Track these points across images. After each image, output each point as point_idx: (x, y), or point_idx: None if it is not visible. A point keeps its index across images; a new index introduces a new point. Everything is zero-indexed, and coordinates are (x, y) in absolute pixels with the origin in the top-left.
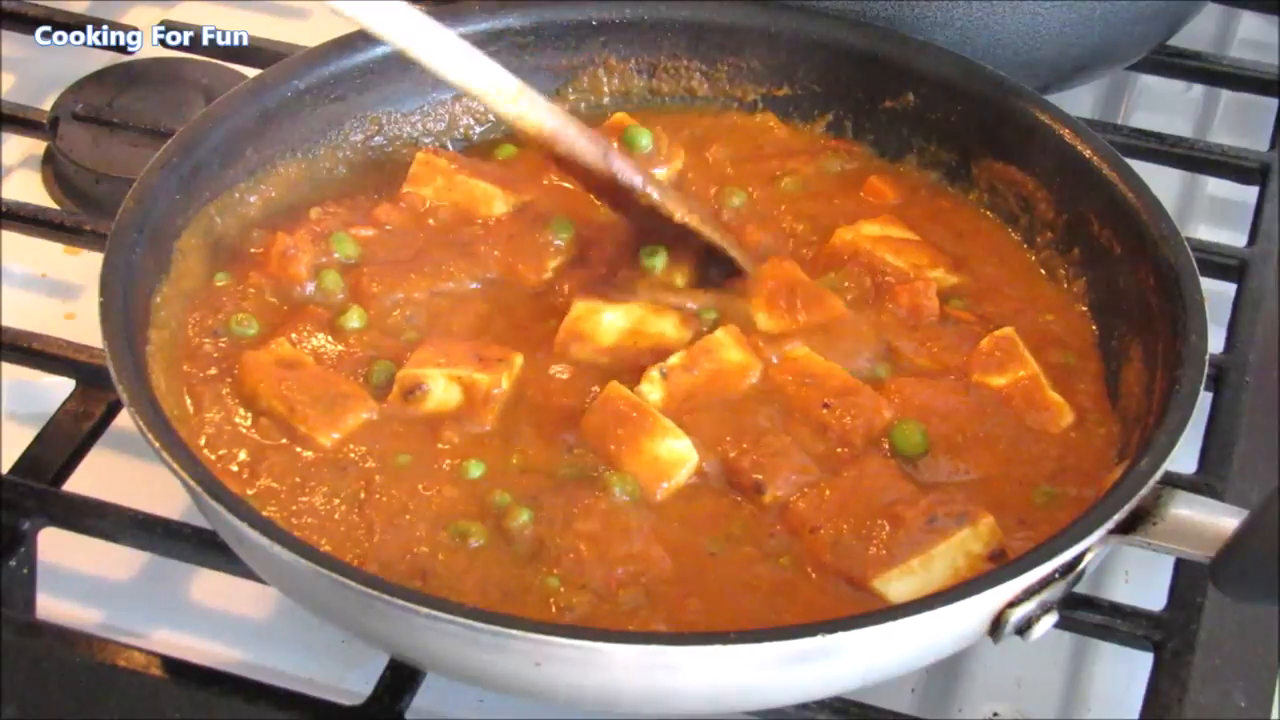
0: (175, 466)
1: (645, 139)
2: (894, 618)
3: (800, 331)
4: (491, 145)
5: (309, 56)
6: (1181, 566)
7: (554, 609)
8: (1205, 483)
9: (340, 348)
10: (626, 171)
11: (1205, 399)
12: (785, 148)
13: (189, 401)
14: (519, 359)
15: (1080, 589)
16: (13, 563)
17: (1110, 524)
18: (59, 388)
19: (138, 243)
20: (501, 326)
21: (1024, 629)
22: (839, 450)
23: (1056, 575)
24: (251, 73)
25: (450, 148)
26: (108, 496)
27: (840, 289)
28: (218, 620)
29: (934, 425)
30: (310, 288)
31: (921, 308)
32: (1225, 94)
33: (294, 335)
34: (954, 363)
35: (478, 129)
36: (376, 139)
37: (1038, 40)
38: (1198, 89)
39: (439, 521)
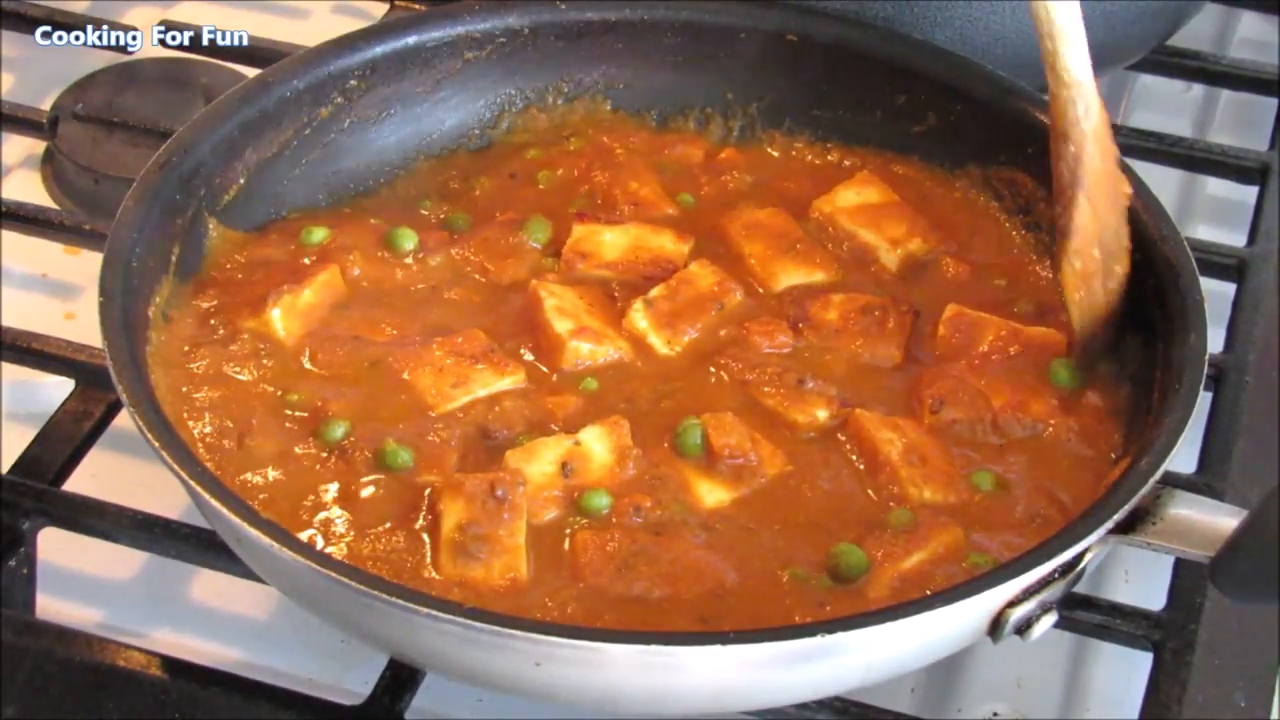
0: (175, 466)
1: (409, 241)
2: (894, 618)
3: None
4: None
5: (309, 56)
6: (1181, 566)
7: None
8: (1205, 483)
9: None
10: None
11: (1205, 399)
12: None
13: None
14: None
15: (1080, 589)
16: (13, 563)
17: (1110, 524)
18: (59, 388)
19: (138, 243)
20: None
21: (1023, 629)
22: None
23: (1056, 575)
24: (251, 73)
25: (450, 150)
26: (108, 496)
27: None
28: (218, 620)
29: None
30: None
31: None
32: (1225, 94)
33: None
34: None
35: (477, 131)
36: (377, 142)
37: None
38: (1197, 89)
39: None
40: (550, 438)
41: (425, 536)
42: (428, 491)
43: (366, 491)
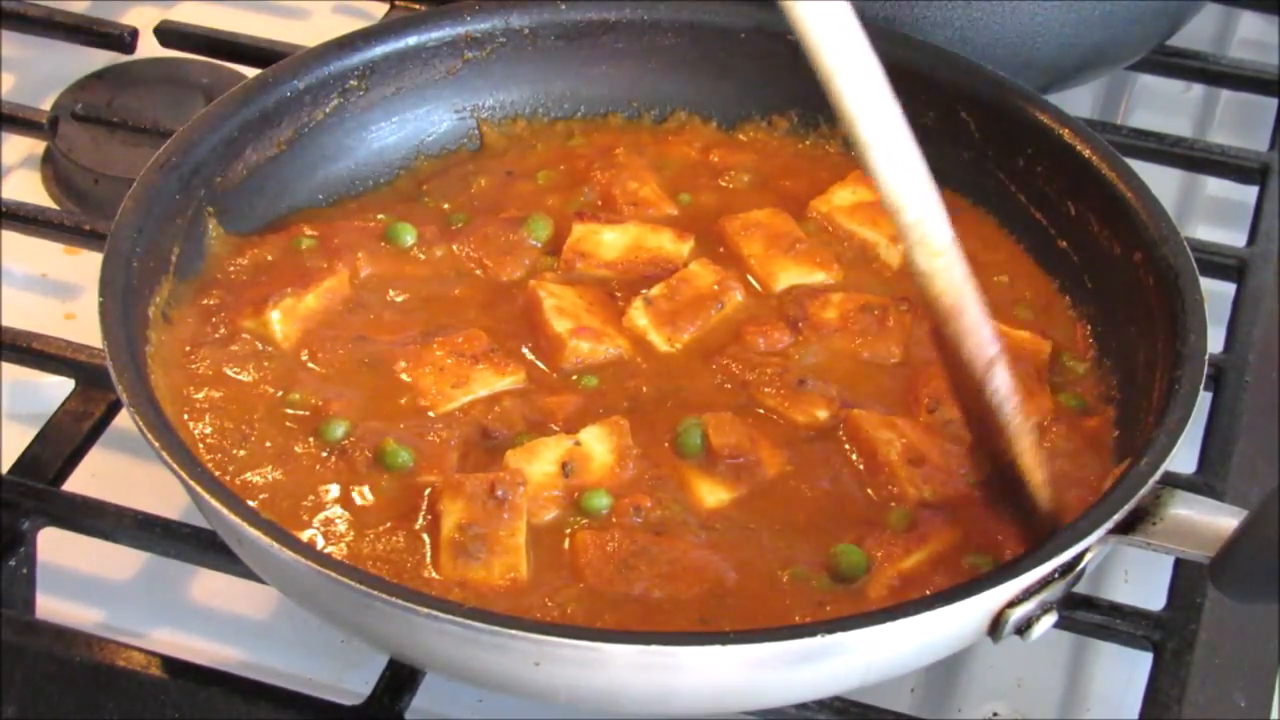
0: (175, 466)
1: (409, 235)
2: (894, 618)
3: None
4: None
5: (309, 56)
6: (1181, 566)
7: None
8: (1205, 483)
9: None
10: (1000, 394)
11: (1205, 399)
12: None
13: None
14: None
15: (1080, 589)
16: (13, 563)
17: (1110, 524)
18: (59, 388)
19: (138, 243)
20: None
21: (1024, 629)
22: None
23: (1056, 575)
24: (251, 73)
25: (449, 149)
26: (108, 496)
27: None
28: (218, 620)
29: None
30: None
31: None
32: (1225, 94)
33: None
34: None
35: (476, 130)
36: (376, 141)
37: (1038, 40)
38: (1197, 89)
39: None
40: (550, 438)
41: (425, 536)
42: (428, 491)
43: (366, 491)
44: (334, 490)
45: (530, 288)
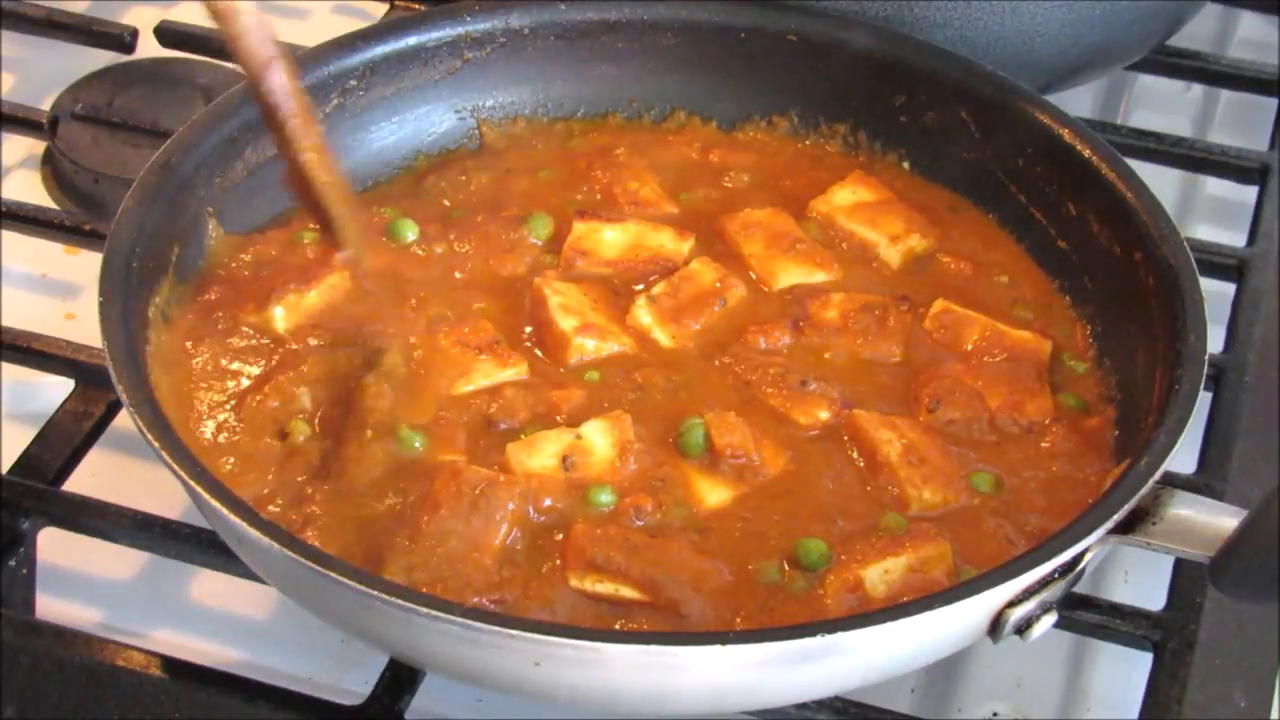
0: (175, 466)
1: (411, 232)
2: (894, 618)
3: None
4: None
5: (309, 56)
6: (1181, 566)
7: None
8: (1205, 483)
9: None
10: (275, 94)
11: (1205, 399)
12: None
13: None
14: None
15: (1080, 589)
16: (13, 563)
17: (1110, 524)
18: (59, 388)
19: (137, 243)
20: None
21: (1023, 629)
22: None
23: (1056, 575)
24: None
25: (449, 149)
26: (108, 496)
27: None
28: (217, 620)
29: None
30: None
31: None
32: (1225, 94)
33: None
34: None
35: (476, 130)
36: (376, 141)
37: (1038, 40)
38: (1197, 89)
39: None
40: (552, 431)
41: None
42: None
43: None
44: None
45: (536, 285)
